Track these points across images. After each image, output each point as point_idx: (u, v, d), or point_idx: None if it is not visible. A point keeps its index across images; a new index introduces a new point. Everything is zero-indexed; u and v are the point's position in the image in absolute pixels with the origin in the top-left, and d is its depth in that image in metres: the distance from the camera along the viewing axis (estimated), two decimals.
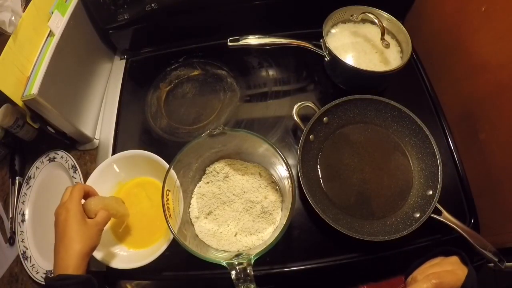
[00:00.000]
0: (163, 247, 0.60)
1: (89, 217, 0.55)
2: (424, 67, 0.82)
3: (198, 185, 0.67)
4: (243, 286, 0.49)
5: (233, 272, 0.49)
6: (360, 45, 0.76)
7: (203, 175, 0.67)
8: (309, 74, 0.84)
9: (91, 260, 0.66)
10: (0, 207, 0.77)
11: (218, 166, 0.67)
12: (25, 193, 0.77)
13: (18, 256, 0.71)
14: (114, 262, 0.61)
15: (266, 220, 0.62)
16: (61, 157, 0.77)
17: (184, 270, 0.64)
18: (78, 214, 0.53)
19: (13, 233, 0.74)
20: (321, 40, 0.74)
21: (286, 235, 0.52)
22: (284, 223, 0.53)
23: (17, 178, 0.79)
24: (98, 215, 0.56)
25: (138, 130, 0.80)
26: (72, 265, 0.49)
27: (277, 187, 0.65)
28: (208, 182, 0.66)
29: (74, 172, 0.74)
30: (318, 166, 0.69)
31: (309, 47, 0.75)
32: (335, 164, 0.69)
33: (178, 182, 0.60)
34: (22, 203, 0.76)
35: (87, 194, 0.58)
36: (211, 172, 0.66)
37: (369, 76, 0.71)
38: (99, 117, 0.84)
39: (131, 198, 0.69)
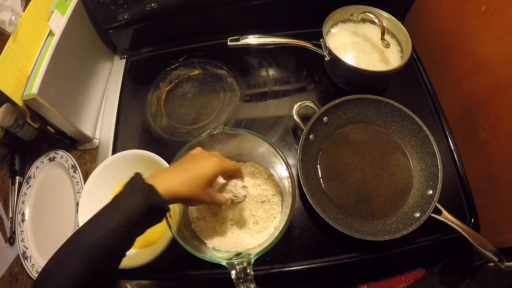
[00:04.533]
0: (163, 247, 0.60)
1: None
2: (424, 67, 0.82)
3: None
4: (243, 286, 0.49)
5: (233, 272, 0.49)
6: (360, 44, 0.76)
7: None
8: (309, 73, 0.84)
9: None
10: (0, 207, 0.77)
11: None
12: (25, 193, 0.77)
13: (18, 256, 0.71)
14: None
15: (266, 220, 0.62)
16: (61, 156, 0.77)
17: (184, 270, 0.64)
18: (214, 173, 0.49)
19: (13, 232, 0.74)
20: (321, 40, 0.74)
21: (286, 235, 0.52)
22: (284, 223, 0.53)
23: (17, 177, 0.79)
24: (221, 196, 0.52)
25: (138, 130, 0.80)
26: (164, 190, 0.44)
27: (277, 187, 0.64)
28: None
29: (74, 171, 0.74)
30: (318, 166, 0.69)
31: (309, 47, 0.75)
32: (335, 163, 0.69)
33: None
34: (22, 202, 0.76)
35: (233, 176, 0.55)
36: None
37: (369, 76, 0.71)
38: (99, 117, 0.84)
39: None
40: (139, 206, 0.42)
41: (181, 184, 0.47)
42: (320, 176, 0.68)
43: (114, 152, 0.76)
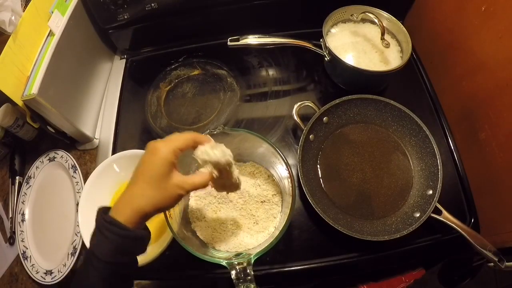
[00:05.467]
0: (163, 247, 0.60)
1: (184, 173, 0.44)
2: (424, 67, 0.82)
3: None
4: (243, 286, 0.49)
5: (233, 272, 0.49)
6: (360, 44, 0.76)
7: None
8: (309, 73, 0.84)
9: None
10: (0, 207, 0.77)
11: None
12: (25, 193, 0.77)
13: (18, 256, 0.71)
14: None
15: (266, 220, 0.62)
16: (61, 156, 0.77)
17: (184, 270, 0.64)
18: (164, 163, 0.42)
19: (13, 233, 0.74)
20: (321, 40, 0.74)
21: (286, 235, 0.52)
22: (284, 223, 0.53)
23: (17, 177, 0.79)
24: (196, 176, 0.45)
25: (138, 130, 0.80)
26: (128, 217, 0.41)
27: (277, 187, 0.65)
28: None
29: (74, 172, 0.74)
30: (318, 166, 0.69)
31: (309, 47, 0.75)
32: (335, 163, 0.69)
33: None
34: (22, 202, 0.76)
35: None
36: None
37: (369, 76, 0.71)
38: (99, 117, 0.84)
39: None
40: (112, 248, 0.40)
41: (140, 199, 0.42)
42: (320, 176, 0.68)
43: (114, 152, 0.76)
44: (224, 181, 0.49)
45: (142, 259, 0.60)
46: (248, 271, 0.49)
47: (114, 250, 0.40)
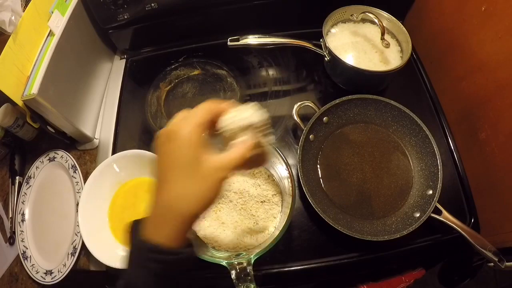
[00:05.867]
0: None
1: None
2: (424, 67, 0.82)
3: None
4: (243, 286, 0.49)
5: (233, 272, 0.49)
6: (360, 44, 0.76)
7: None
8: (309, 73, 0.84)
9: (91, 260, 0.66)
10: (0, 207, 0.77)
11: None
12: (25, 193, 0.77)
13: (18, 256, 0.71)
14: (114, 262, 0.61)
15: (266, 220, 0.62)
16: (61, 156, 0.77)
17: (184, 270, 0.64)
18: (190, 147, 0.33)
19: (13, 233, 0.74)
20: (321, 40, 0.74)
21: (286, 235, 0.52)
22: (284, 223, 0.53)
23: (17, 177, 0.79)
24: (235, 149, 0.35)
25: (138, 130, 0.80)
26: (170, 233, 0.32)
27: (277, 187, 0.65)
28: None
29: (74, 172, 0.74)
30: (318, 166, 0.69)
31: (309, 47, 0.75)
32: (335, 164, 0.69)
33: None
34: (22, 202, 0.76)
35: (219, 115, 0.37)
36: None
37: (369, 76, 0.71)
38: (99, 117, 0.84)
39: (131, 198, 0.69)
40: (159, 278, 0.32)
41: (177, 203, 0.33)
42: (320, 176, 0.68)
43: (114, 152, 0.76)
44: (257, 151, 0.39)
45: None
46: (248, 271, 0.49)
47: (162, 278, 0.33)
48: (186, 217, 0.33)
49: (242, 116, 0.37)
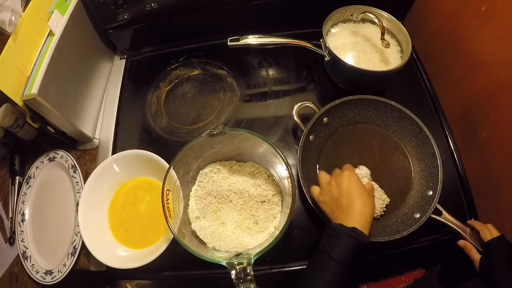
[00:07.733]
0: (163, 247, 0.60)
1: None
2: (424, 67, 0.82)
3: (198, 185, 0.67)
4: (243, 286, 0.49)
5: (233, 272, 0.49)
6: (360, 44, 0.76)
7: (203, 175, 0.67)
8: (309, 74, 0.84)
9: (91, 260, 0.66)
10: (0, 207, 0.77)
11: (216, 167, 0.67)
12: (25, 193, 0.77)
13: (18, 256, 0.71)
14: (114, 262, 0.61)
15: (266, 220, 0.62)
16: (61, 156, 0.77)
17: (184, 270, 0.64)
18: (359, 181, 0.55)
19: (13, 233, 0.74)
20: (321, 40, 0.74)
21: (286, 235, 0.52)
22: (284, 223, 0.53)
23: (17, 177, 0.79)
24: (367, 184, 0.60)
25: (138, 130, 0.80)
26: (367, 224, 0.50)
27: (277, 187, 0.65)
28: (207, 182, 0.66)
29: (74, 171, 0.74)
30: (318, 166, 0.69)
31: (309, 47, 0.75)
32: (335, 164, 0.69)
33: (178, 182, 0.60)
34: (22, 202, 0.76)
35: None
36: (210, 172, 0.66)
37: (369, 76, 0.71)
38: (99, 117, 0.84)
39: (131, 198, 0.69)
40: (351, 252, 0.47)
41: (370, 210, 0.53)
42: None
43: (114, 152, 0.76)
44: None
45: (141, 259, 0.60)
46: (248, 271, 0.49)
47: (353, 254, 0.47)
48: (371, 218, 0.52)
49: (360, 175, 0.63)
